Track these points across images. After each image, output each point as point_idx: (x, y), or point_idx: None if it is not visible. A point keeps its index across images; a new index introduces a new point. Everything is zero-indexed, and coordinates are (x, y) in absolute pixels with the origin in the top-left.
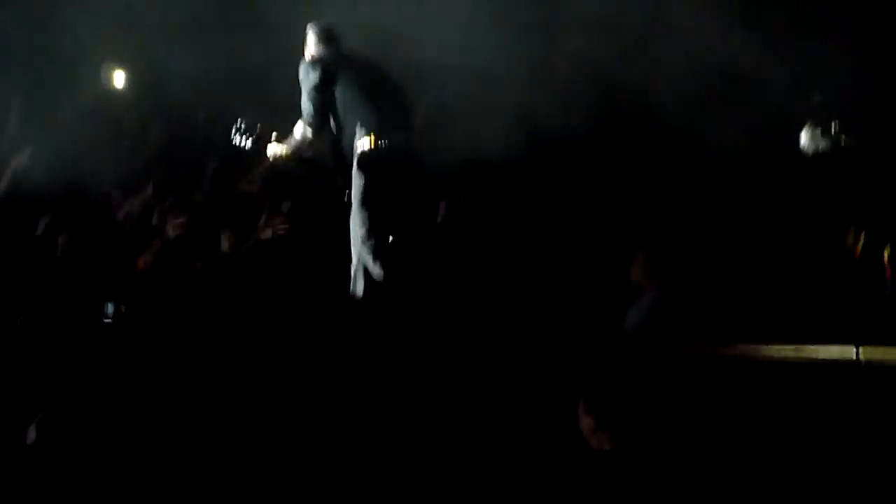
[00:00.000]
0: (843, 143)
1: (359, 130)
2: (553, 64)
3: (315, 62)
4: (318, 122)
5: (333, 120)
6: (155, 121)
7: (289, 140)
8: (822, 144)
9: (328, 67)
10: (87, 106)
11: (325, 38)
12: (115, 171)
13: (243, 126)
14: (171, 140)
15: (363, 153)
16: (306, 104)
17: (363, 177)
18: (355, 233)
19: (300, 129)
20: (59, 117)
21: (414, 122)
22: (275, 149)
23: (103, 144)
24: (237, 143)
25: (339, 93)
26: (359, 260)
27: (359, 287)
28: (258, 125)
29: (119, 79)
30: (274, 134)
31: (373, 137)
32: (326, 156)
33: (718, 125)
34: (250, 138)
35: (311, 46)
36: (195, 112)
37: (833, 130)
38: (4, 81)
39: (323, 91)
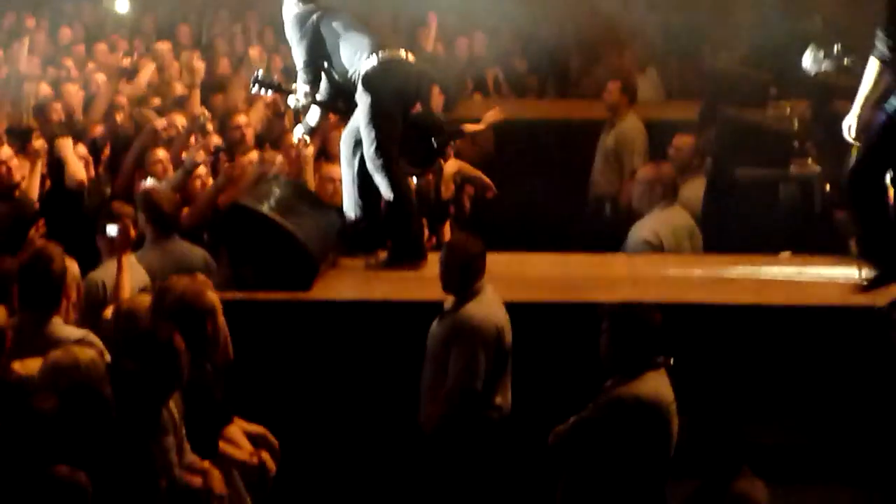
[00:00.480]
0: (845, 64)
1: (360, 55)
2: None
3: (299, 16)
4: (312, 75)
5: (332, 65)
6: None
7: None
8: (825, 66)
9: (312, 16)
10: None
11: None
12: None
13: (262, 77)
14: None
15: (367, 72)
16: (298, 58)
17: (369, 94)
18: (347, 153)
19: (301, 87)
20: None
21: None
22: (294, 100)
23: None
24: (256, 93)
25: (331, 33)
26: (352, 182)
27: (354, 210)
28: (275, 77)
29: (122, 3)
30: (294, 85)
31: (376, 55)
32: (339, 102)
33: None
34: (269, 89)
35: (292, 7)
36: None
37: (836, 52)
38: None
39: (313, 41)
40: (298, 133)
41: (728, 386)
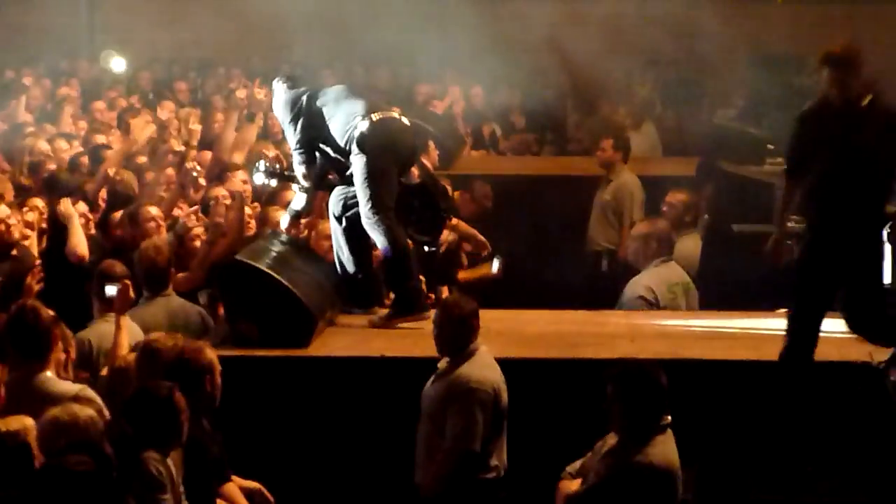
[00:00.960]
0: None
1: (353, 122)
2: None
3: (288, 99)
4: (307, 156)
5: (326, 140)
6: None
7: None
8: None
9: (302, 98)
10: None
11: (291, 83)
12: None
13: (265, 168)
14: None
15: (361, 133)
16: (291, 140)
17: (364, 153)
18: (336, 211)
19: (298, 169)
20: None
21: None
22: (297, 186)
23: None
24: (261, 183)
25: (321, 110)
26: (343, 239)
27: (349, 266)
28: (278, 165)
29: (118, 64)
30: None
31: (369, 118)
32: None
33: None
34: (273, 178)
35: (281, 91)
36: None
37: None
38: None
39: (304, 121)
40: (285, 222)
41: (728, 442)
